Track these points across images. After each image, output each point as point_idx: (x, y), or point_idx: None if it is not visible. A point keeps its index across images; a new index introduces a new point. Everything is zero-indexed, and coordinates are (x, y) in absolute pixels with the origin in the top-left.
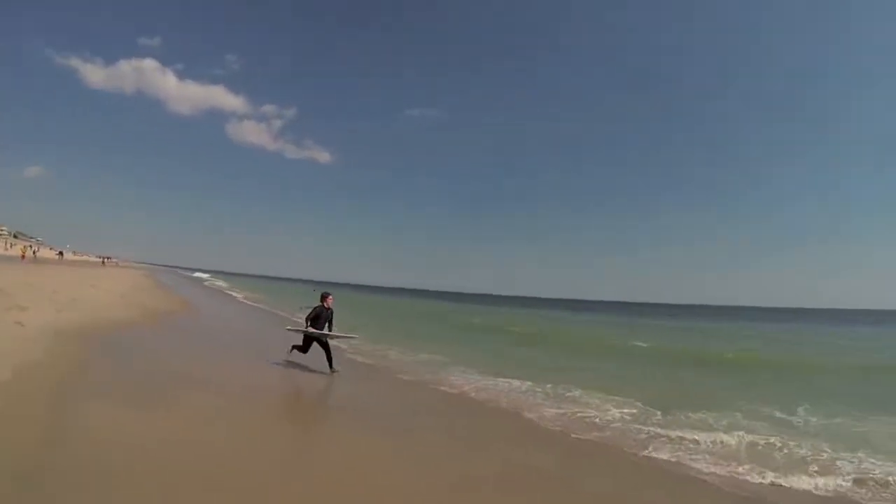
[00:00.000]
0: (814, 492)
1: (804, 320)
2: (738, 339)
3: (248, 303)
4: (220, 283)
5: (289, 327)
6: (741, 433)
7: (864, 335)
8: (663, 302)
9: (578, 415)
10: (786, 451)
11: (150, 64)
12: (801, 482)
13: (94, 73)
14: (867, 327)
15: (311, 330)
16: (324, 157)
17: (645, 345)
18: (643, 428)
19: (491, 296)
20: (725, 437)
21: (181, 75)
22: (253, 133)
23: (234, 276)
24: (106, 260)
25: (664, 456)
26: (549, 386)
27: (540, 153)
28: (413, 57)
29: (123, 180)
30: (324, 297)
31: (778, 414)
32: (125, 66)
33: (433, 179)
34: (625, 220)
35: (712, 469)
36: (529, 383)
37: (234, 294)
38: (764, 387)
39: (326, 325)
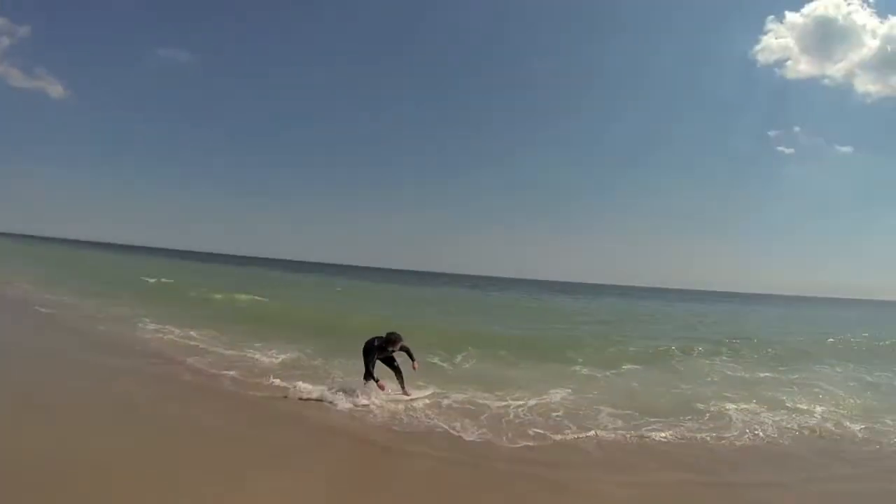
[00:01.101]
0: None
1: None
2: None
3: None
4: None
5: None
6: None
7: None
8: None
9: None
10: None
11: None
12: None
13: None
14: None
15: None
16: (57, 90)
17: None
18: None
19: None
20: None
21: None
22: None
23: None
24: None
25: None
26: None
27: (315, 104)
28: None
29: None
30: (392, 342)
31: (437, 361)
32: None
33: (191, 127)
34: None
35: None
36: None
37: None
38: (439, 338)
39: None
